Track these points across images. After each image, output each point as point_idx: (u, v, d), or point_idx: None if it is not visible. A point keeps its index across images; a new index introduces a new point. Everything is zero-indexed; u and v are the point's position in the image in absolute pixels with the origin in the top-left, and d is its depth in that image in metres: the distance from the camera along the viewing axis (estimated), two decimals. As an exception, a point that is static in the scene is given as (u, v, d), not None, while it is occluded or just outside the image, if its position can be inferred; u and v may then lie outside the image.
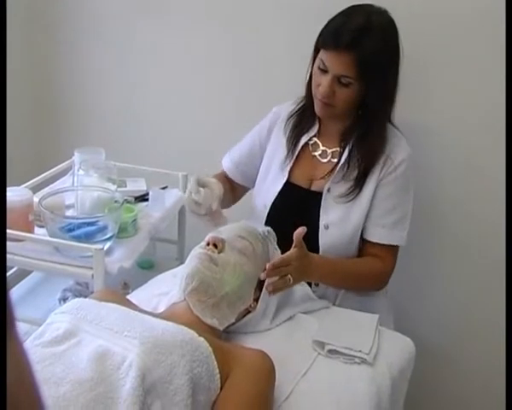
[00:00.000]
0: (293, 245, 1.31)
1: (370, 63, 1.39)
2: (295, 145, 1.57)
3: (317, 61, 1.44)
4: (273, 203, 1.56)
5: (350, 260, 1.51)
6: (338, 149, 1.54)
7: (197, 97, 2.04)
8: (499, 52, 1.54)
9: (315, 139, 1.57)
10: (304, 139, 1.56)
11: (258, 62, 1.94)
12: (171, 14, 1.99)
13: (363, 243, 1.53)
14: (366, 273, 1.51)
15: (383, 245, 1.50)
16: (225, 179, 1.67)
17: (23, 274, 1.82)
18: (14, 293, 1.73)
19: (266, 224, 1.53)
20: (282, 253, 1.33)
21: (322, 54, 1.43)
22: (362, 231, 1.51)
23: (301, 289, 1.43)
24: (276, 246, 1.39)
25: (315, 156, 1.57)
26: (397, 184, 1.49)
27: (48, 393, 0.93)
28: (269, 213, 1.56)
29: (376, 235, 1.50)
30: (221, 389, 1.04)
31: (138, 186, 1.86)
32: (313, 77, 1.48)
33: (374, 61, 1.39)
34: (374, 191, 1.49)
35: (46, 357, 1.00)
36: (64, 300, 1.65)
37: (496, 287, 1.76)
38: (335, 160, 1.53)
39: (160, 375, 0.97)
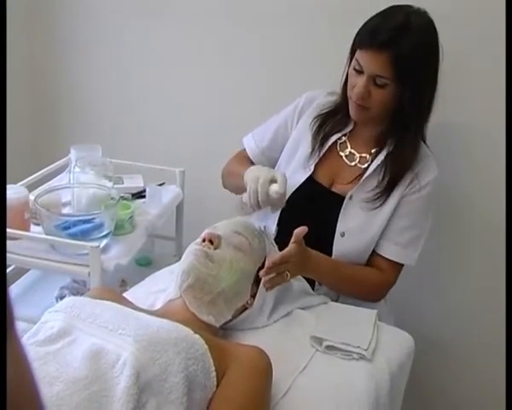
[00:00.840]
0: (292, 241, 1.29)
1: (407, 63, 1.34)
2: (324, 141, 1.53)
3: (353, 62, 1.41)
4: (292, 194, 1.51)
5: (351, 265, 1.48)
6: (366, 155, 1.51)
7: (194, 93, 2.02)
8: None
9: (344, 139, 1.54)
10: (335, 137, 1.53)
11: (257, 61, 1.92)
12: (169, 11, 1.97)
13: (371, 254, 1.50)
14: (365, 281, 1.49)
15: (391, 260, 1.49)
16: (250, 165, 1.57)
17: (20, 272, 1.82)
18: (12, 291, 1.71)
19: (282, 213, 1.51)
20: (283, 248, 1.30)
21: (358, 54, 1.40)
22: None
23: (299, 284, 1.42)
24: (273, 241, 1.38)
25: (341, 157, 1.53)
26: (418, 204, 1.47)
27: (42, 392, 0.92)
28: (287, 202, 1.50)
29: (388, 251, 1.48)
30: (217, 386, 1.03)
31: (135, 183, 1.86)
32: (349, 78, 1.45)
33: (410, 61, 1.34)
34: (395, 206, 1.46)
35: (40, 356, 0.99)
36: (61, 298, 1.65)
37: (503, 284, 1.75)
38: (362, 166, 1.50)
39: (155, 373, 0.95)
